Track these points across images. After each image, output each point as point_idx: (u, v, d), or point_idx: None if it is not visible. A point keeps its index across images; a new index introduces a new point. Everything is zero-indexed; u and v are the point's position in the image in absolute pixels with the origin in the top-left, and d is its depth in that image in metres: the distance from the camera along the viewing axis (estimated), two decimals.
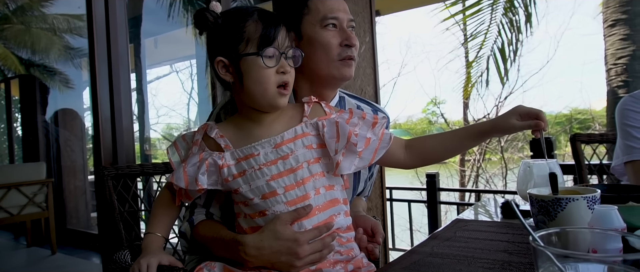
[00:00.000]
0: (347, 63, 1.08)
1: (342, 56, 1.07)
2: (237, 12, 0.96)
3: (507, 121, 0.96)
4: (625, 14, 4.21)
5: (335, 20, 1.07)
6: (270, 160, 0.93)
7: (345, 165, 0.93)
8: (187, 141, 1.04)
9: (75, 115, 5.43)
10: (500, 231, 0.96)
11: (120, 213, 1.46)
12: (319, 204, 0.93)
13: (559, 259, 0.46)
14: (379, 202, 2.75)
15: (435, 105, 10.22)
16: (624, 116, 1.44)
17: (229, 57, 0.95)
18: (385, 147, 0.97)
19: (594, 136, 1.90)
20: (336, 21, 1.07)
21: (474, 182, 8.00)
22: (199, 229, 1.05)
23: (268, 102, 0.95)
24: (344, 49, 1.07)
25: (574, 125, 9.52)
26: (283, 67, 0.94)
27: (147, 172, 1.58)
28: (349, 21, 1.09)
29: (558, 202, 0.76)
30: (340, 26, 1.08)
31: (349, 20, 1.10)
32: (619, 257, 0.46)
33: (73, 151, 5.21)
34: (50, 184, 4.25)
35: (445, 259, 0.79)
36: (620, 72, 4.19)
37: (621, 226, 0.66)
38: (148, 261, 0.97)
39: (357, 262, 0.97)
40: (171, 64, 10.52)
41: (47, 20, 6.73)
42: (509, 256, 0.78)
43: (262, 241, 0.90)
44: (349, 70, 1.09)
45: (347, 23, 1.09)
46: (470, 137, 1.01)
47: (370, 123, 0.98)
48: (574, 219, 0.74)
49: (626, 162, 1.40)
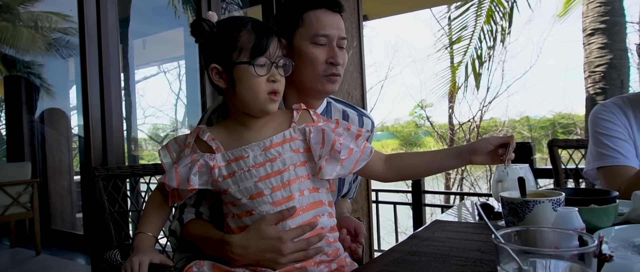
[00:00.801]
0: (331, 79, 1.12)
1: (327, 73, 1.11)
2: (232, 22, 1.00)
3: (482, 145, 1.02)
4: (603, 24, 4.35)
5: (326, 37, 1.10)
6: (259, 162, 0.98)
7: (327, 170, 0.98)
8: (179, 143, 1.08)
9: (62, 114, 5.39)
10: (476, 231, 1.02)
11: (110, 213, 1.49)
12: (303, 205, 0.98)
13: (519, 255, 0.52)
14: (365, 204, 2.81)
15: (422, 109, 10.35)
16: (595, 124, 1.51)
17: (223, 64, 0.99)
18: (366, 159, 1.02)
19: (570, 142, 1.98)
20: (326, 39, 1.11)
21: (459, 185, 8.12)
22: (189, 228, 1.08)
23: (259, 108, 0.99)
24: (329, 66, 1.11)
25: (558, 129, 9.72)
26: (273, 75, 0.99)
27: (137, 173, 1.61)
28: (339, 39, 1.13)
29: (526, 204, 0.82)
30: (329, 43, 1.11)
31: (340, 38, 1.13)
32: (569, 252, 0.51)
33: (59, 150, 5.17)
34: (36, 184, 4.22)
35: (422, 257, 0.85)
36: (598, 79, 4.32)
37: (581, 226, 0.73)
38: (139, 259, 1.01)
39: (340, 262, 1.02)
40: (159, 65, 10.46)
41: (32, 18, 6.66)
42: (481, 254, 0.84)
43: (247, 241, 0.94)
44: (332, 86, 1.13)
45: (338, 41, 1.12)
46: (449, 157, 1.07)
47: (354, 135, 1.04)
48: (540, 219, 0.81)
49: (598, 168, 1.47)
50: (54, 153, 5.12)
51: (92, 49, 2.07)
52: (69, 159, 5.27)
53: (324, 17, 1.11)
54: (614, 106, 1.51)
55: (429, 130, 10.31)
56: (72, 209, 5.20)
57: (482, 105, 7.90)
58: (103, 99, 2.08)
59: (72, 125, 5.55)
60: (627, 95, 1.55)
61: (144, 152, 11.17)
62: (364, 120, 1.31)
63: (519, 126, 9.78)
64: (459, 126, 8.31)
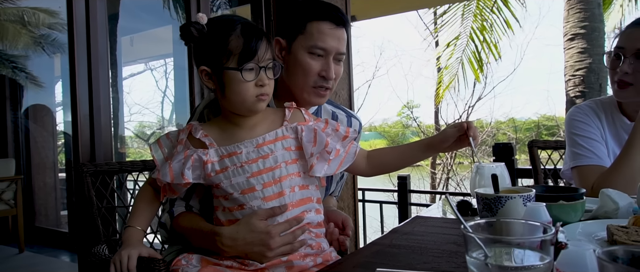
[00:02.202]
0: (319, 92, 1.16)
1: (317, 84, 1.14)
2: (221, 24, 1.02)
3: (444, 132, 1.10)
4: (583, 29, 4.48)
5: (323, 50, 1.12)
6: (252, 158, 1.01)
7: (317, 168, 1.02)
8: (171, 139, 1.10)
9: (47, 111, 5.33)
10: (453, 226, 1.07)
11: (98, 209, 1.51)
12: (293, 200, 1.02)
13: (485, 244, 0.56)
14: (351, 203, 2.85)
15: (409, 110, 10.45)
16: (570, 126, 1.57)
17: (212, 67, 1.02)
18: (350, 161, 1.07)
19: (549, 143, 2.05)
20: (323, 52, 1.13)
21: (445, 184, 8.23)
22: (179, 221, 1.11)
23: (247, 109, 1.03)
24: (320, 79, 1.14)
25: (542, 131, 9.90)
26: (261, 80, 1.01)
27: (125, 169, 1.63)
28: (337, 54, 1.14)
29: (498, 199, 0.87)
30: (326, 56, 1.13)
31: (338, 52, 1.14)
32: (530, 240, 0.56)
33: (44, 147, 5.11)
34: (20, 181, 4.18)
35: (401, 249, 0.89)
36: (578, 83, 4.44)
37: (547, 219, 0.78)
38: (128, 252, 1.03)
39: (325, 256, 1.06)
40: (146, 62, 10.37)
41: (17, 14, 6.57)
42: (457, 247, 0.89)
43: (237, 233, 0.98)
44: (320, 99, 1.17)
45: (335, 55, 1.14)
46: (421, 149, 1.13)
47: (342, 136, 1.08)
48: (512, 213, 0.86)
49: (572, 167, 1.54)
50: (38, 150, 5.06)
51: (80, 46, 2.07)
52: (54, 156, 5.22)
53: (326, 30, 1.12)
54: (588, 109, 1.57)
55: (417, 131, 10.42)
56: (57, 206, 5.14)
57: (467, 106, 8.02)
58: (91, 95, 2.09)
59: (57, 122, 5.50)
60: (600, 99, 1.62)
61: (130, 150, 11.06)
62: (352, 122, 1.35)
63: (504, 127, 9.94)
64: (445, 126, 8.42)
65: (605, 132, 1.54)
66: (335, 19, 1.13)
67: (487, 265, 0.55)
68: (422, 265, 0.78)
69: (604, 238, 0.82)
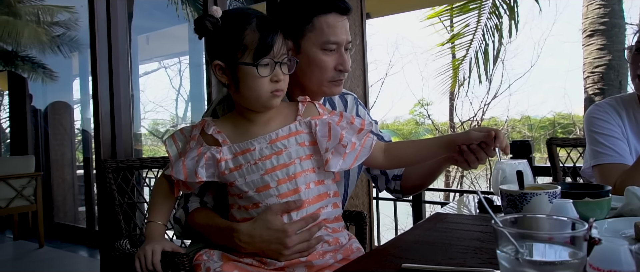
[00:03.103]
0: (337, 83, 1.14)
1: (334, 78, 1.13)
2: (236, 18, 1.00)
3: (468, 133, 1.05)
4: (603, 25, 4.40)
5: (336, 44, 1.10)
6: (265, 155, 1.00)
7: (332, 163, 1.00)
8: (185, 134, 1.09)
9: (66, 107, 5.41)
10: (476, 223, 1.07)
11: (119, 204, 1.53)
12: (308, 197, 1.00)
13: (514, 238, 0.56)
14: (366, 200, 2.85)
15: (423, 107, 10.38)
16: (590, 124, 1.55)
17: (226, 62, 1.00)
18: (366, 154, 1.05)
19: (568, 140, 2.03)
20: (336, 46, 1.10)
21: (459, 182, 8.17)
22: (194, 217, 1.11)
23: (262, 105, 1.01)
24: (337, 73, 1.12)
25: (557, 129, 9.76)
26: (277, 76, 0.99)
27: (145, 165, 1.65)
28: (347, 43, 1.13)
29: (524, 196, 0.87)
30: (338, 49, 1.11)
31: (348, 41, 1.13)
32: (562, 235, 0.56)
33: (62, 144, 5.20)
34: (39, 178, 4.26)
35: (425, 245, 0.89)
36: (597, 80, 4.37)
37: (575, 216, 0.77)
38: (152, 247, 1.05)
39: (346, 251, 1.05)
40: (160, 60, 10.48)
41: (34, 12, 6.68)
42: (481, 243, 0.88)
43: (254, 230, 0.97)
44: (338, 89, 1.15)
45: (345, 45, 1.13)
46: (441, 145, 1.09)
47: (357, 129, 1.05)
48: (537, 210, 0.85)
49: (593, 166, 1.52)
50: (57, 146, 5.15)
51: (101, 43, 2.10)
52: (72, 153, 5.31)
53: (334, 22, 1.10)
54: (608, 106, 1.55)
55: (430, 129, 10.35)
56: (75, 203, 5.24)
57: (482, 103, 7.95)
58: (112, 92, 2.12)
59: (75, 119, 5.59)
60: (620, 96, 1.60)
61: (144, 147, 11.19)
62: (347, 98, 1.33)
63: (519, 125, 9.83)
64: (460, 124, 8.35)
65: (627, 130, 1.52)
66: (340, 8, 1.10)
67: (518, 260, 0.55)
68: (448, 261, 0.78)
69: (631, 235, 0.81)
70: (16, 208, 4.15)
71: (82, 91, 5.94)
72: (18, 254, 4.29)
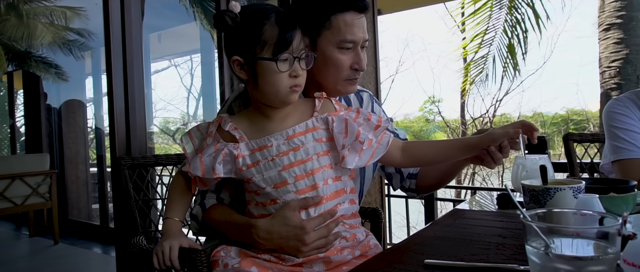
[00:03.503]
0: (352, 82, 1.13)
1: (350, 77, 1.11)
2: (255, 13, 0.99)
3: (491, 134, 1.03)
4: (619, 19, 4.31)
5: (353, 43, 1.08)
6: (283, 151, 0.99)
7: (349, 160, 0.99)
8: (201, 131, 1.09)
9: (80, 105, 5.46)
10: (496, 219, 1.05)
11: (135, 201, 1.54)
12: (326, 193, 0.99)
13: (544, 233, 0.55)
14: (378, 197, 2.84)
15: (433, 104, 10.32)
16: (610, 119, 1.52)
17: (245, 57, 0.99)
18: (382, 151, 1.03)
19: (585, 136, 1.99)
20: (353, 44, 1.09)
21: (471, 179, 8.11)
22: (211, 213, 1.11)
23: (280, 100, 1.00)
24: (353, 71, 1.11)
25: (570, 125, 9.65)
26: (295, 71, 0.99)
27: (160, 162, 1.66)
28: (364, 41, 1.11)
29: (547, 191, 0.85)
30: (354, 47, 1.09)
31: (365, 40, 1.11)
32: (593, 231, 0.54)
33: (75, 142, 5.26)
34: (54, 175, 4.31)
35: (446, 241, 0.88)
36: (614, 75, 4.29)
37: (601, 211, 0.75)
38: (170, 243, 1.05)
39: (364, 247, 1.04)
40: (171, 59, 10.56)
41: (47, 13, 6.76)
42: (503, 239, 0.87)
43: (273, 226, 0.97)
44: (353, 87, 1.14)
45: (362, 43, 1.11)
46: (464, 148, 1.07)
47: (374, 125, 1.03)
48: (561, 206, 0.83)
49: (613, 162, 1.49)
50: (71, 144, 5.21)
51: (116, 42, 2.12)
52: (86, 150, 5.36)
53: (351, 20, 1.08)
54: (627, 100, 1.53)
55: (440, 125, 10.28)
56: (89, 200, 5.30)
57: (494, 100, 7.87)
58: (127, 90, 2.13)
59: (88, 117, 5.64)
60: (639, 90, 1.57)
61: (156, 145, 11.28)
62: (363, 96, 1.31)
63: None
64: (471, 121, 8.29)
65: None
66: (358, 6, 1.08)
67: (548, 255, 0.53)
68: (470, 257, 0.77)
69: None
70: (32, 205, 4.21)
71: (95, 89, 6.01)
72: (34, 250, 4.36)
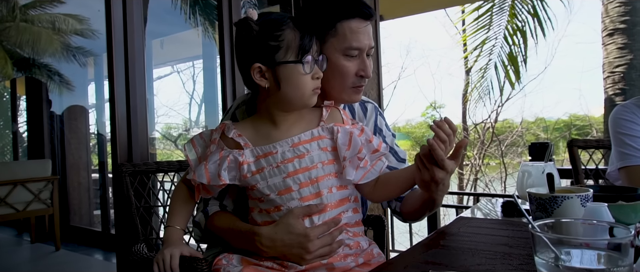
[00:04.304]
0: (358, 90, 1.11)
1: (356, 84, 1.10)
2: (273, 22, 1.00)
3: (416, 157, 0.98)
4: (623, 24, 4.30)
5: (358, 50, 1.07)
6: (288, 158, 0.99)
7: (349, 171, 0.99)
8: (204, 138, 1.09)
9: (82, 111, 5.47)
10: (501, 227, 1.03)
11: (136, 208, 1.53)
12: (330, 201, 1.00)
13: (553, 244, 0.54)
14: (380, 204, 2.82)
15: (435, 110, 10.30)
16: (616, 125, 1.51)
17: (267, 63, 0.99)
18: (373, 176, 1.03)
19: (590, 142, 1.97)
20: (358, 51, 1.08)
21: (473, 185, 8.07)
22: (214, 220, 1.11)
23: (304, 103, 1.02)
24: (358, 78, 1.09)
25: (573, 131, 9.62)
26: (317, 73, 1.01)
27: (162, 169, 1.65)
28: (369, 49, 1.10)
29: (554, 199, 0.83)
30: (360, 54, 1.08)
31: (370, 47, 1.10)
32: (604, 242, 0.53)
33: (78, 148, 5.26)
34: (56, 181, 4.30)
35: (451, 250, 0.86)
36: (618, 80, 4.28)
37: (610, 220, 0.74)
38: (171, 251, 1.04)
39: (367, 255, 1.03)
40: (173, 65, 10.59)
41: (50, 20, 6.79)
42: (509, 248, 0.85)
43: (276, 234, 0.96)
44: (358, 96, 1.13)
45: (368, 50, 1.10)
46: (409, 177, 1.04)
47: (373, 149, 1.03)
48: (569, 214, 0.82)
49: (620, 168, 1.47)
50: (73, 150, 5.21)
51: (118, 47, 2.12)
52: (88, 156, 5.36)
53: (357, 28, 1.07)
54: (634, 107, 1.52)
55: None
56: (90, 206, 5.28)
57: (496, 105, 7.85)
58: (128, 96, 2.13)
59: (90, 123, 5.65)
60: None
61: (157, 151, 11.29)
62: (367, 106, 1.29)
63: (534, 128, 9.69)
64: (473, 127, 8.27)
65: None
66: (364, 14, 1.08)
67: (558, 267, 0.52)
68: (476, 267, 0.75)
69: None
70: (33, 211, 4.20)
71: (97, 96, 6.02)
72: (35, 256, 4.34)
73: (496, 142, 8.15)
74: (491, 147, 8.24)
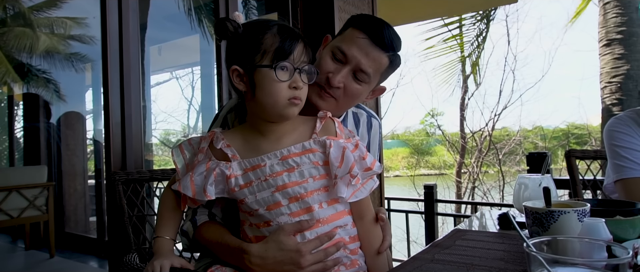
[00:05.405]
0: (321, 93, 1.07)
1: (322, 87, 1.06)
2: (258, 24, 0.97)
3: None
4: (620, 34, 4.32)
5: (343, 55, 1.05)
6: (276, 172, 0.95)
7: (340, 188, 0.94)
8: (193, 145, 1.05)
9: (79, 117, 5.45)
10: (497, 241, 1.02)
11: (129, 217, 1.51)
12: (322, 216, 0.96)
13: (549, 263, 0.52)
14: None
15: (433, 117, 10.31)
16: (611, 138, 1.50)
17: (244, 66, 0.96)
18: (363, 195, 0.98)
19: (588, 152, 1.96)
20: (343, 57, 1.05)
21: (470, 194, 8.05)
22: (203, 232, 1.07)
23: (278, 113, 0.96)
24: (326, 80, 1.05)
25: (571, 140, 9.63)
26: (296, 82, 0.94)
27: (155, 177, 1.63)
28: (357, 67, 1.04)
29: (551, 214, 0.82)
30: (345, 64, 1.05)
31: (358, 66, 1.04)
32: (601, 263, 0.51)
33: (74, 154, 5.23)
34: (51, 188, 4.27)
35: (445, 265, 0.85)
36: (615, 90, 4.29)
37: (608, 237, 0.72)
38: (161, 263, 1.01)
39: None
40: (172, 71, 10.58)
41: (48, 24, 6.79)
42: (505, 264, 0.83)
43: (266, 251, 0.93)
44: (318, 100, 1.08)
45: (354, 67, 1.04)
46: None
47: (365, 167, 0.98)
48: (565, 230, 0.80)
49: (616, 181, 1.46)
50: (69, 157, 5.18)
51: (113, 55, 2.11)
52: (84, 163, 5.33)
53: (358, 39, 1.03)
54: (628, 119, 1.51)
55: (440, 139, 10.26)
56: (86, 213, 5.25)
57: (493, 113, 7.86)
58: (123, 104, 2.11)
59: (87, 130, 5.62)
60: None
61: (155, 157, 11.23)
62: (373, 122, 1.27)
63: (532, 136, 9.70)
64: (470, 135, 8.26)
65: None
66: (375, 36, 1.02)
67: None
68: None
69: None
70: (28, 218, 4.16)
71: (94, 102, 6.01)
72: (29, 264, 4.29)
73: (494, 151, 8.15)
74: (489, 156, 8.24)
